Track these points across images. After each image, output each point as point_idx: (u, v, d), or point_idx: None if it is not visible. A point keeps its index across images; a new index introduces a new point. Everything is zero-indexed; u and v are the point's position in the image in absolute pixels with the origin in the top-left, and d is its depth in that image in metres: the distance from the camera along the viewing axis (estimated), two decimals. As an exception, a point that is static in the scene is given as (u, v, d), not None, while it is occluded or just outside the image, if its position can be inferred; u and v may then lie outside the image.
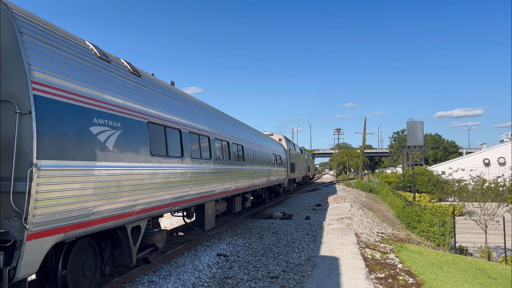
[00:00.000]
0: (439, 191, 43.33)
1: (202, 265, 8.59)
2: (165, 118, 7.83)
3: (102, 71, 6.08)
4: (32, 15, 5.15)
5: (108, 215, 5.76)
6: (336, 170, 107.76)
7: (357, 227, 14.56)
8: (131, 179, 6.29)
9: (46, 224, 4.61)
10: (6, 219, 4.35)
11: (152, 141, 7.09)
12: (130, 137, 6.31)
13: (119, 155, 5.97)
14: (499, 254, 22.01)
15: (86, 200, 5.23)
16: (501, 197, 23.48)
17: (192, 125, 9.30)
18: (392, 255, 10.57)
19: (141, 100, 7.01)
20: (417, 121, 54.38)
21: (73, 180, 4.98)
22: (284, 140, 27.59)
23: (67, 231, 4.98)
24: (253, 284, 7.44)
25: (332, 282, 7.63)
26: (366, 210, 23.09)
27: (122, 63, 7.17)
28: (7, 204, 4.30)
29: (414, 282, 8.18)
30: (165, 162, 7.54)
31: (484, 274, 11.14)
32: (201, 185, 9.53)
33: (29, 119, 4.38)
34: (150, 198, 6.95)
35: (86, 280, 5.97)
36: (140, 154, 6.58)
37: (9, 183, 4.30)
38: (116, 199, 5.91)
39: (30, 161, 4.34)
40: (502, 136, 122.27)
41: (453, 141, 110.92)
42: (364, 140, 77.51)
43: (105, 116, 5.74)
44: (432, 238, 21.37)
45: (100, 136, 5.57)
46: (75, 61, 5.45)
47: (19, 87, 4.45)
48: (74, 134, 5.04)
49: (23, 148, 4.36)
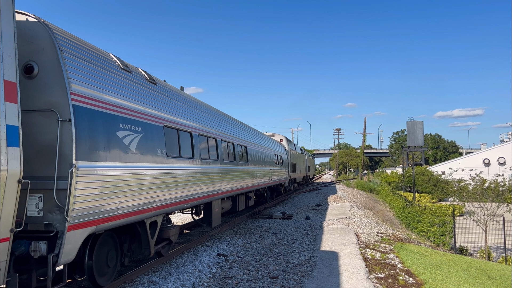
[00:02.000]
0: (439, 191, 43.36)
1: (202, 265, 8.59)
2: (178, 122, 8.49)
3: (125, 81, 6.78)
4: (69, 34, 5.88)
5: (131, 210, 6.44)
6: (336, 170, 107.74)
7: (357, 227, 14.56)
8: (150, 178, 6.94)
9: (82, 217, 5.27)
10: (49, 213, 5.00)
11: (168, 144, 7.75)
12: (149, 141, 7.01)
13: (140, 156, 6.67)
14: (499, 254, 22.02)
15: (114, 197, 5.92)
16: (501, 197, 23.49)
17: (201, 128, 9.93)
18: (392, 255, 10.57)
19: (157, 106, 7.67)
20: (417, 121, 54.39)
21: (104, 179, 5.67)
22: (285, 141, 28.14)
23: (98, 224, 5.65)
24: (253, 284, 7.44)
25: (332, 282, 7.63)
26: (366, 210, 23.09)
27: (140, 73, 7.80)
28: (50, 199, 4.97)
29: (414, 282, 8.19)
30: (179, 163, 8.20)
31: (484, 274, 11.15)
32: (209, 184, 10.12)
33: (69, 126, 5.08)
34: (165, 195, 7.60)
35: (109, 270, 6.59)
36: (157, 155, 7.25)
37: (52, 181, 4.95)
38: (138, 196, 6.57)
39: (70, 162, 5.02)
40: (502, 137, 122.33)
41: (453, 141, 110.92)
42: (364, 140, 77.55)
43: (128, 122, 6.45)
44: (432, 238, 21.38)
45: (125, 140, 6.27)
46: (103, 73, 6.15)
47: (60, 98, 5.12)
48: (104, 139, 5.75)
49: (64, 151, 5.04)
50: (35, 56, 5.19)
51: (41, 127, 5.10)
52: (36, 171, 4.90)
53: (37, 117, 5.09)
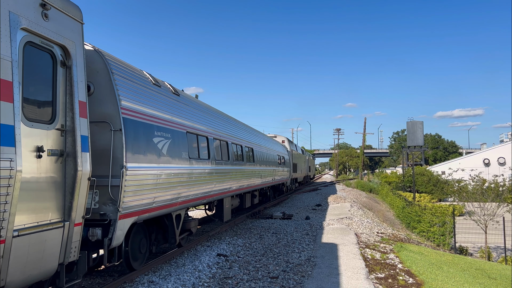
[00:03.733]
0: (439, 191, 43.33)
1: (202, 265, 8.59)
2: (197, 128, 9.65)
3: (156, 94, 7.91)
4: (116, 58, 7.01)
5: (162, 204, 7.59)
6: (336, 170, 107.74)
7: (357, 227, 14.56)
8: (176, 177, 8.06)
9: (129, 209, 6.35)
10: (103, 205, 6.08)
11: (189, 147, 8.89)
12: (176, 145, 8.13)
13: (169, 158, 7.75)
14: (499, 254, 22.02)
15: (151, 192, 7.03)
16: (501, 197, 23.48)
17: (215, 132, 11.09)
18: (392, 255, 10.57)
19: (181, 115, 8.81)
20: (417, 121, 54.37)
21: (144, 177, 6.84)
22: (286, 142, 29.31)
23: (139, 214, 6.78)
24: (253, 284, 7.45)
25: (332, 282, 7.64)
26: (366, 210, 23.09)
27: (167, 86, 8.93)
28: (105, 194, 6.05)
29: (414, 282, 8.19)
30: (198, 163, 9.31)
31: (484, 274, 11.15)
32: (222, 182, 11.26)
33: (120, 134, 6.19)
34: (188, 192, 8.75)
35: (141, 256, 7.64)
36: (182, 157, 8.37)
37: (107, 179, 6.02)
38: (167, 192, 7.69)
39: (121, 164, 6.14)
40: (502, 137, 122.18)
41: (453, 141, 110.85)
42: (364, 140, 77.58)
43: (161, 130, 7.58)
44: (432, 238, 21.38)
45: (158, 144, 7.39)
46: (141, 90, 7.28)
47: (113, 112, 6.22)
48: (145, 144, 6.89)
49: (116, 155, 6.14)
50: (91, 77, 6.18)
51: (97, 135, 6.10)
52: (93, 171, 5.61)
53: (94, 128, 6.04)
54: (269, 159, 19.37)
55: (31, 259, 4.48)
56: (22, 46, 4.44)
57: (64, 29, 5.06)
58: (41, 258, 4.64)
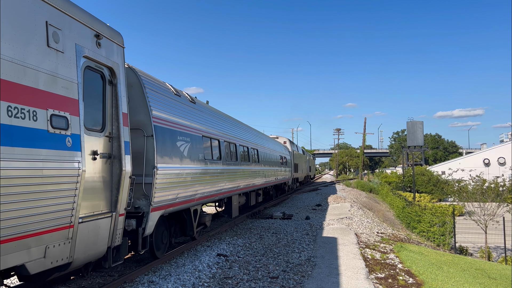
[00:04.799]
0: (439, 191, 43.30)
1: (202, 265, 8.59)
2: (210, 132, 10.63)
3: (177, 103, 8.95)
4: (146, 73, 8.03)
5: (183, 200, 8.61)
6: (336, 170, 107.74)
7: (357, 227, 14.56)
8: (194, 176, 9.08)
9: (158, 203, 7.36)
10: (138, 199, 7.07)
11: (205, 149, 9.90)
12: (194, 147, 9.15)
13: (189, 160, 8.78)
14: (499, 254, 22.02)
15: (174, 189, 8.06)
16: (501, 197, 23.46)
17: (225, 136, 12.11)
18: (392, 255, 10.57)
19: (197, 120, 9.84)
20: (417, 121, 54.39)
21: (170, 176, 7.83)
22: (288, 143, 30.44)
23: (165, 208, 7.78)
24: (253, 284, 7.44)
25: (332, 282, 7.64)
26: (366, 210, 23.09)
27: (185, 95, 10.00)
28: (139, 190, 7.03)
29: (414, 282, 8.19)
30: (212, 164, 10.32)
31: (484, 274, 11.15)
32: (231, 181, 12.25)
33: (152, 139, 7.21)
34: (203, 189, 9.75)
35: (163, 246, 8.53)
36: (199, 158, 9.40)
37: (141, 177, 7.01)
38: (187, 189, 8.72)
39: (152, 165, 7.16)
40: (502, 137, 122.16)
41: (453, 141, 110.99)
42: (364, 140, 77.57)
43: (182, 134, 8.60)
44: (432, 238, 21.38)
45: (181, 147, 8.40)
46: (166, 100, 8.32)
47: (145, 120, 7.25)
48: (170, 147, 7.90)
49: (148, 157, 7.16)
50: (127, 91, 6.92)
51: (133, 140, 6.79)
52: None
53: (130, 134, 6.71)
54: (272, 159, 20.24)
55: (89, 241, 5.52)
56: (83, 70, 5.49)
57: (111, 53, 6.19)
58: (96, 241, 5.69)
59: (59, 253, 4.96)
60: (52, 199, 4.72)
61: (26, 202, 4.35)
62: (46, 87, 4.67)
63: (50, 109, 4.70)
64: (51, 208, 4.72)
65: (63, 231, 4.95)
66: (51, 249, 4.80)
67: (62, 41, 5.02)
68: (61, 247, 4.98)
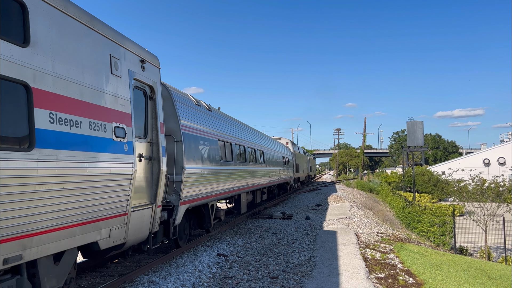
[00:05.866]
0: (439, 191, 43.30)
1: (202, 265, 8.59)
2: (224, 136, 12.00)
3: (198, 112, 10.38)
4: (175, 88, 9.44)
5: (203, 195, 9.99)
6: (336, 170, 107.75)
7: (357, 227, 14.56)
8: (212, 175, 10.50)
9: (185, 198, 8.68)
10: (169, 195, 8.31)
11: (220, 152, 11.35)
12: (212, 150, 10.58)
13: (208, 161, 10.16)
14: (499, 254, 22.01)
15: (197, 187, 9.39)
16: (501, 197, 23.46)
17: (236, 139, 13.48)
18: (392, 255, 10.57)
19: (213, 126, 11.20)
20: (417, 121, 54.38)
21: (194, 175, 9.18)
22: (290, 144, 32.05)
23: (190, 202, 9.12)
24: (253, 284, 7.44)
25: (332, 282, 7.64)
26: (366, 210, 23.09)
27: (203, 104, 11.42)
28: (170, 187, 8.30)
29: (414, 282, 8.19)
30: (225, 165, 11.70)
31: (484, 274, 11.15)
32: (241, 180, 13.65)
33: (181, 144, 8.57)
34: (219, 187, 11.11)
35: (184, 236, 9.78)
36: (216, 160, 10.82)
37: (172, 176, 8.33)
38: (207, 186, 10.11)
39: (181, 165, 8.51)
40: (502, 137, 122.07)
41: (453, 141, 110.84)
42: (364, 140, 77.62)
43: (203, 139, 10.00)
44: (432, 238, 21.37)
45: (202, 150, 9.84)
46: (190, 110, 9.72)
47: (175, 128, 8.60)
48: (194, 150, 9.28)
49: (178, 159, 8.50)
50: None
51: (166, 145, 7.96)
52: None
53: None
54: (276, 160, 21.62)
55: (137, 227, 6.78)
56: (132, 90, 6.73)
57: (151, 74, 7.51)
58: (141, 227, 6.97)
59: (118, 235, 6.23)
60: (116, 191, 5.99)
61: (103, 193, 5.67)
62: (111, 106, 5.94)
63: (114, 122, 5.99)
64: (115, 199, 5.99)
65: (121, 217, 6.23)
66: (114, 231, 6.07)
67: (120, 68, 6.33)
68: (120, 230, 6.24)
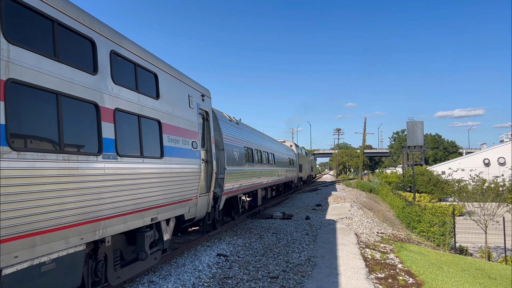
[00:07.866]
0: (439, 191, 43.25)
1: (202, 265, 8.59)
2: (247, 143, 15.43)
3: (231, 126, 13.77)
4: (217, 110, 12.66)
5: (236, 189, 13.15)
6: (336, 170, 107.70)
7: (357, 227, 14.56)
8: (240, 174, 13.62)
9: (225, 190, 11.87)
10: (215, 187, 11.05)
11: (245, 156, 14.74)
12: (240, 155, 13.97)
13: (239, 163, 13.56)
14: (499, 254, 21.99)
15: (230, 182, 12.46)
16: (501, 197, 23.43)
17: (255, 145, 16.99)
18: (392, 255, 10.56)
19: (240, 136, 14.58)
20: (417, 121, 54.40)
21: (231, 174, 12.49)
22: (294, 146, 35.39)
23: (228, 194, 12.26)
24: (253, 284, 7.44)
25: (332, 282, 7.63)
26: (366, 210, 23.08)
27: (233, 119, 14.85)
28: (216, 182, 11.03)
29: (414, 282, 8.18)
30: (249, 166, 15.15)
31: (484, 274, 11.14)
32: (259, 178, 17.04)
33: (223, 152, 11.90)
34: (245, 183, 14.37)
35: (219, 221, 12.48)
36: (243, 162, 14.24)
37: (217, 174, 11.14)
38: (238, 182, 13.35)
39: (224, 167, 11.79)
40: (502, 137, 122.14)
41: (453, 141, 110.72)
42: (364, 140, 77.55)
43: (235, 147, 13.40)
44: (432, 238, 21.36)
45: (235, 155, 13.15)
46: (227, 125, 13.15)
47: (219, 139, 11.88)
48: (231, 155, 12.70)
49: (221, 162, 11.78)
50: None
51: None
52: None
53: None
54: (283, 161, 24.58)
55: (201, 207, 9.58)
56: (198, 116, 9.49)
57: (207, 103, 10.42)
58: (203, 207, 9.78)
59: (193, 211, 9.02)
60: (193, 183, 8.82)
61: (188, 183, 8.51)
62: (190, 128, 8.84)
63: (191, 138, 8.85)
64: (192, 187, 8.80)
65: (194, 200, 9.04)
66: (191, 208, 8.86)
67: (192, 103, 9.21)
68: (193, 208, 9.01)
